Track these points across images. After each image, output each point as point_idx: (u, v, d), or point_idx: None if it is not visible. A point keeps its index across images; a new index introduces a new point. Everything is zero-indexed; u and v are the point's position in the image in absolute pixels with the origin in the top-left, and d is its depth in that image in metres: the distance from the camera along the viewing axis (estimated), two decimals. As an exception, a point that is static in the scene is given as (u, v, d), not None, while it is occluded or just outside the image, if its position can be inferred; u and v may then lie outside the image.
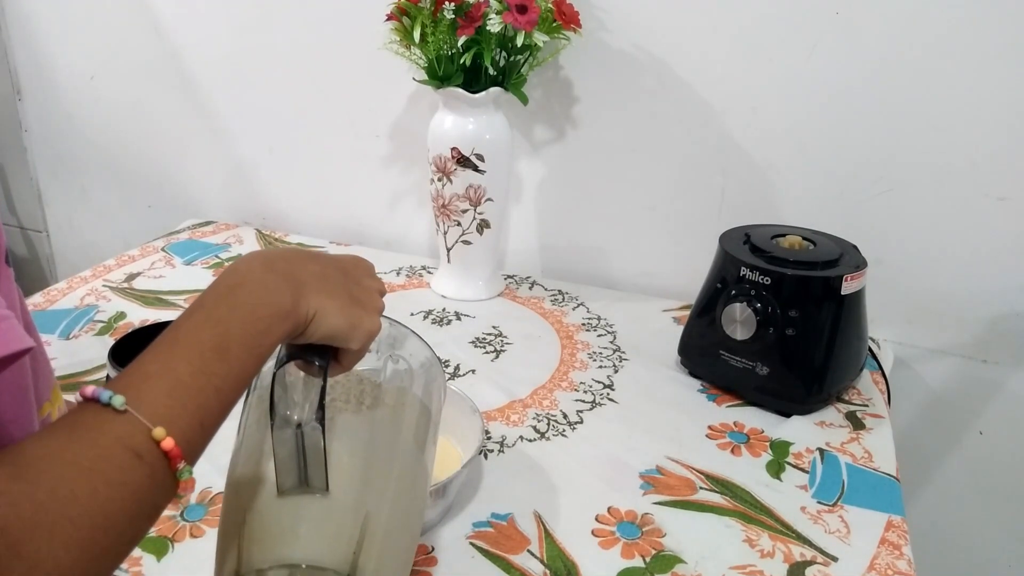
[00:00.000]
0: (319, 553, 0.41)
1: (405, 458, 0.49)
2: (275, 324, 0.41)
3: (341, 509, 0.43)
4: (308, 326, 0.43)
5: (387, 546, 0.43)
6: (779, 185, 1.01)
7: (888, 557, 0.63)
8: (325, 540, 0.42)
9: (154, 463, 0.34)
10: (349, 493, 0.44)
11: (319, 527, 0.42)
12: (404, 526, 0.47)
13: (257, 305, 0.41)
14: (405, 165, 1.19)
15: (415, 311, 1.03)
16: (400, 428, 0.51)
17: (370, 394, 0.51)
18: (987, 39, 0.87)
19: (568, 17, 0.93)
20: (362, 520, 0.43)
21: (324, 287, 0.44)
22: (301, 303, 0.42)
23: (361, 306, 0.46)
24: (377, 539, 0.43)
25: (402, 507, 0.47)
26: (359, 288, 0.47)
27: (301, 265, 0.45)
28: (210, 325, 0.39)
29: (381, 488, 0.46)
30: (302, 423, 0.42)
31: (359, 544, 0.41)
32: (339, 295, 0.45)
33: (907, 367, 1.02)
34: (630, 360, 0.93)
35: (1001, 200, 0.92)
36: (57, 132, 1.40)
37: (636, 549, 0.63)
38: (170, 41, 1.25)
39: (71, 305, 1.00)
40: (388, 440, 0.49)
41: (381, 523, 0.44)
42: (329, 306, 0.43)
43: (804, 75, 0.95)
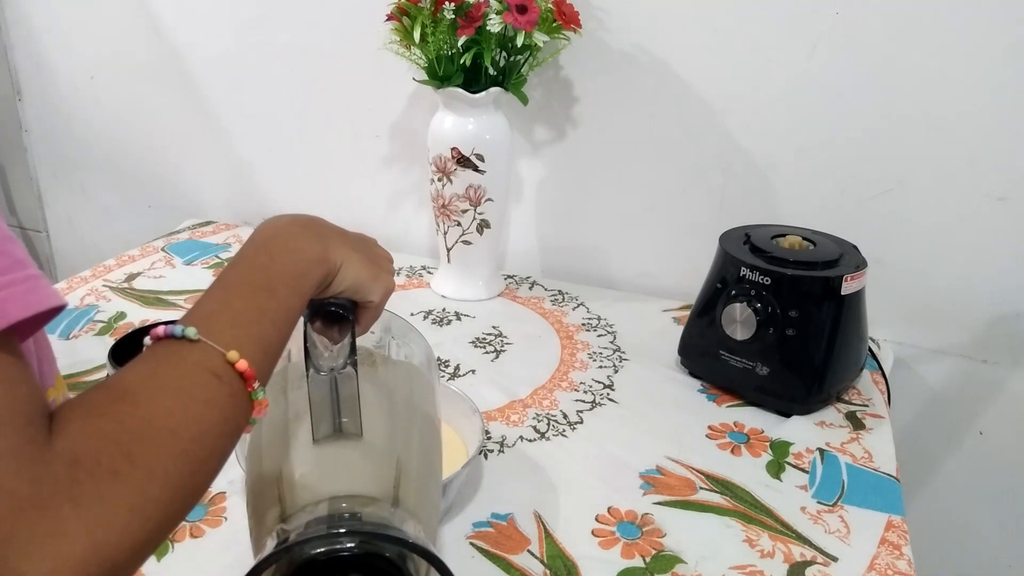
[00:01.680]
0: (363, 486, 0.42)
1: (421, 411, 0.51)
2: (312, 268, 0.45)
3: (377, 451, 0.45)
4: (336, 274, 0.46)
5: (420, 487, 0.45)
6: (779, 185, 1.01)
7: (888, 557, 0.63)
8: (367, 476, 0.43)
9: (232, 383, 0.37)
10: (380, 438, 0.46)
11: (359, 467, 0.44)
12: (430, 473, 0.48)
13: (294, 251, 0.45)
14: (405, 165, 1.19)
15: (415, 311, 1.03)
16: (411, 387, 0.53)
17: (380, 359, 0.54)
18: (987, 39, 0.87)
19: (568, 17, 0.93)
20: (396, 461, 0.44)
21: (347, 241, 0.48)
22: (330, 251, 0.46)
23: (377, 263, 0.50)
24: (412, 479, 0.44)
25: (426, 460, 0.48)
26: (374, 251, 0.52)
27: (323, 223, 0.49)
28: (255, 270, 0.43)
29: (406, 434, 0.48)
30: (335, 368, 0.44)
31: (397, 480, 0.43)
32: (359, 250, 0.49)
33: (907, 367, 1.02)
34: (630, 360, 0.93)
35: (1001, 200, 0.92)
36: (57, 132, 1.40)
37: (636, 549, 0.63)
38: (170, 41, 1.25)
39: (71, 305, 1.00)
40: (405, 396, 0.51)
41: (413, 466, 0.45)
42: (353, 257, 0.47)
43: (804, 75, 0.95)
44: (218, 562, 0.60)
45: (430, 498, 0.46)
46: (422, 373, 0.55)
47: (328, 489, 0.42)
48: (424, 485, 0.46)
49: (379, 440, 0.46)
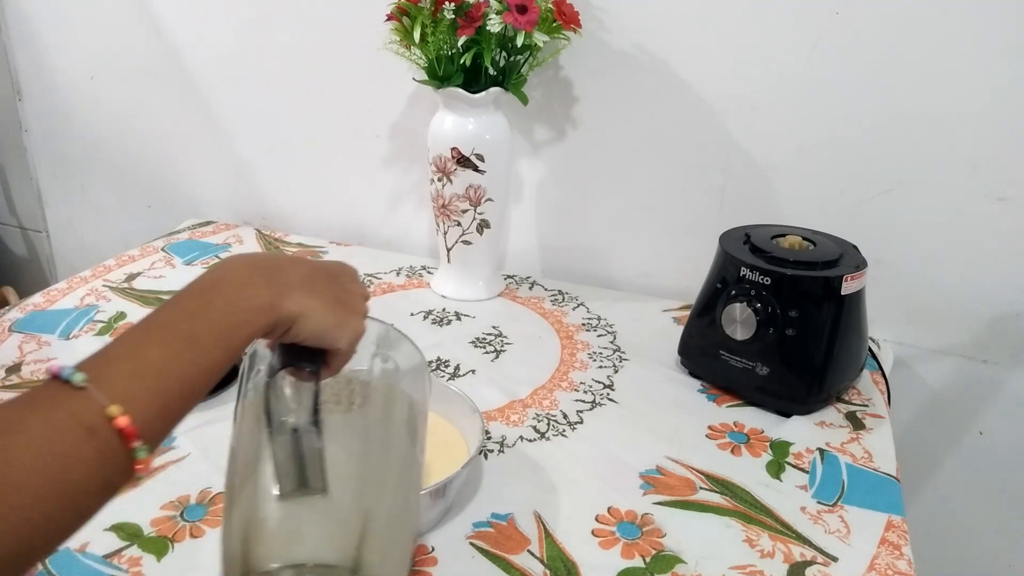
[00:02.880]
0: (324, 551, 0.42)
1: (399, 452, 0.50)
2: (253, 317, 0.42)
3: (342, 508, 0.44)
4: (294, 325, 0.44)
5: (388, 540, 0.44)
6: (779, 185, 1.01)
7: (888, 557, 0.63)
8: (328, 539, 0.42)
9: (107, 439, 0.35)
10: (348, 492, 0.45)
11: (322, 527, 0.43)
12: (403, 519, 0.47)
13: (235, 299, 0.42)
14: (405, 165, 1.19)
15: (415, 311, 1.03)
16: (391, 423, 0.52)
17: (360, 393, 0.52)
18: (987, 39, 0.87)
19: (568, 17, 0.93)
20: (363, 517, 0.43)
21: (310, 288, 0.45)
22: (284, 302, 0.43)
23: (346, 308, 0.47)
24: (378, 534, 0.43)
25: (400, 500, 0.48)
26: (344, 292, 0.49)
27: (286, 267, 0.46)
28: (184, 315, 0.41)
29: (379, 484, 0.47)
30: (298, 427, 0.43)
31: (361, 540, 0.42)
32: (324, 296, 0.46)
33: (907, 367, 1.02)
34: (630, 360, 0.93)
35: (1001, 200, 0.92)
36: (57, 132, 1.40)
37: (636, 549, 0.63)
38: (170, 41, 1.25)
39: (71, 305, 1.00)
40: (381, 436, 0.50)
41: (381, 518, 0.44)
42: (315, 306, 0.45)
43: (804, 75, 0.95)
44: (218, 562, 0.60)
45: (398, 548, 0.46)
46: (405, 393, 0.54)
47: (289, 552, 0.41)
48: (394, 534, 0.46)
49: (346, 494, 0.45)
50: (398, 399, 0.54)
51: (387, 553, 0.44)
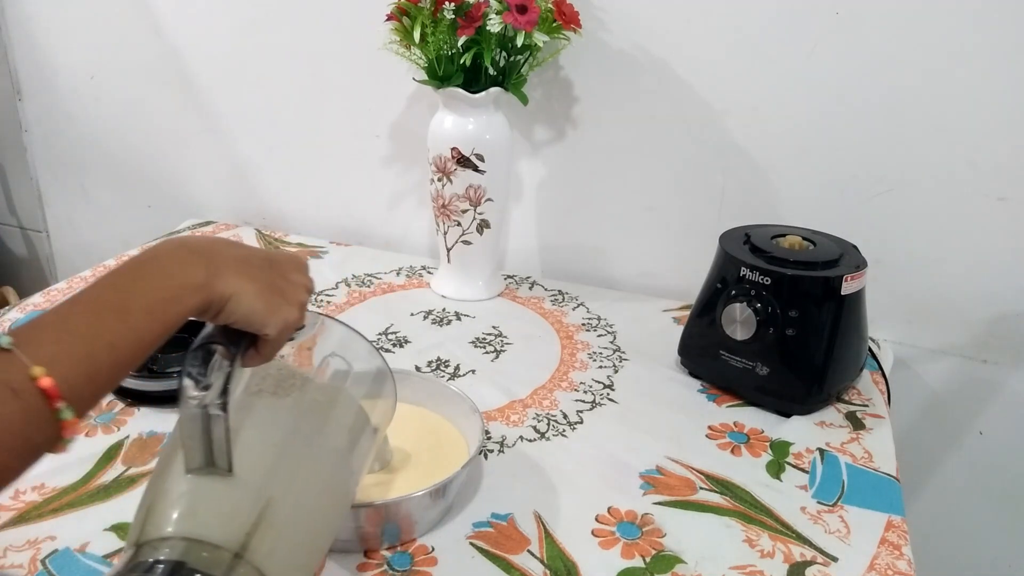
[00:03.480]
0: (210, 530, 0.42)
1: (328, 453, 0.50)
2: (184, 295, 0.43)
3: (242, 491, 0.44)
4: (225, 306, 0.44)
5: (286, 534, 0.44)
6: (779, 185, 1.01)
7: (888, 557, 0.63)
8: (219, 518, 0.43)
9: (30, 400, 0.36)
10: (254, 477, 0.45)
11: (216, 505, 0.43)
12: (313, 519, 0.47)
13: (166, 275, 0.43)
14: (405, 165, 1.19)
15: (415, 311, 1.03)
16: (328, 424, 0.52)
17: (298, 387, 0.53)
18: (987, 39, 0.87)
19: (568, 17, 0.93)
20: (262, 505, 0.44)
21: (244, 270, 0.46)
22: (217, 281, 0.44)
23: (281, 295, 0.48)
24: (276, 525, 0.44)
25: (313, 500, 0.48)
26: (283, 280, 0.49)
27: (223, 248, 0.47)
28: (116, 288, 0.42)
29: (290, 477, 0.47)
30: (207, 405, 0.43)
31: (254, 526, 0.43)
32: (258, 280, 0.46)
33: (907, 367, 1.02)
34: (630, 360, 0.93)
35: (1001, 200, 0.92)
36: (57, 132, 1.40)
37: (636, 549, 0.63)
38: (170, 41, 1.25)
39: (71, 305, 1.00)
40: (310, 433, 0.50)
41: (284, 511, 0.45)
42: (247, 289, 0.45)
43: (804, 75, 0.95)
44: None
45: (299, 545, 0.46)
46: (352, 400, 0.54)
47: (179, 525, 0.42)
48: (297, 531, 0.45)
49: (252, 479, 0.45)
50: (344, 403, 0.54)
51: (280, 546, 0.44)
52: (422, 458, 0.68)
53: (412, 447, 0.70)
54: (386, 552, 0.61)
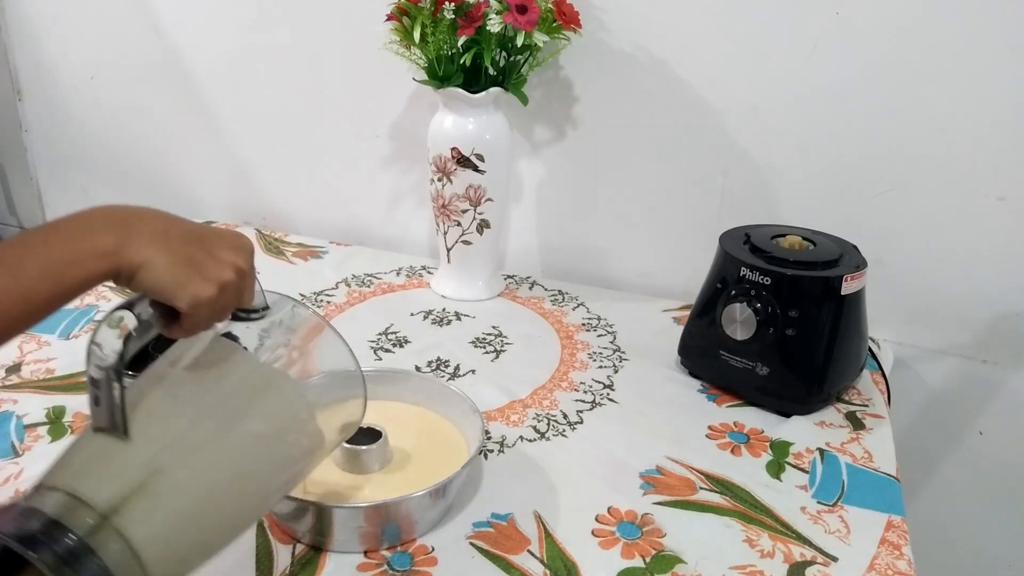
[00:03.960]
0: (87, 487, 0.42)
1: (242, 439, 0.50)
2: (88, 260, 0.43)
3: (132, 456, 0.44)
4: (135, 274, 0.44)
5: (168, 508, 0.44)
6: (779, 185, 1.01)
7: (888, 557, 0.63)
8: (100, 477, 0.43)
9: None
10: (150, 445, 0.45)
11: (102, 465, 0.44)
12: (205, 502, 0.47)
13: (74, 239, 0.43)
14: (405, 165, 1.19)
15: (415, 311, 1.03)
16: (251, 408, 0.51)
17: (233, 368, 0.53)
18: (987, 39, 0.87)
19: (568, 17, 0.93)
20: (148, 473, 0.44)
21: (160, 241, 0.45)
22: (128, 249, 0.44)
23: (197, 269, 0.47)
24: (157, 497, 0.44)
25: (209, 482, 0.47)
26: (206, 255, 0.48)
27: (146, 218, 0.47)
28: (21, 246, 0.42)
29: (188, 452, 0.47)
30: (107, 367, 0.44)
31: (132, 492, 0.42)
32: (175, 253, 0.46)
33: (907, 367, 1.02)
34: (630, 360, 0.93)
35: (1001, 200, 0.92)
36: (57, 132, 1.40)
37: (636, 549, 0.63)
38: (170, 41, 1.25)
39: (71, 305, 1.00)
40: (228, 415, 0.50)
41: (171, 484, 0.44)
42: (159, 259, 0.45)
43: (804, 75, 0.95)
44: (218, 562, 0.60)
45: (185, 522, 0.45)
46: (295, 389, 0.54)
47: (61, 478, 0.43)
48: (184, 507, 0.45)
49: (145, 447, 0.45)
50: (279, 390, 0.54)
51: (156, 519, 0.43)
52: (422, 458, 0.68)
53: (412, 447, 0.70)
54: (386, 552, 0.61)
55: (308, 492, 0.63)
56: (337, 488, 0.65)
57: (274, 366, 0.55)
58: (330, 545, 0.61)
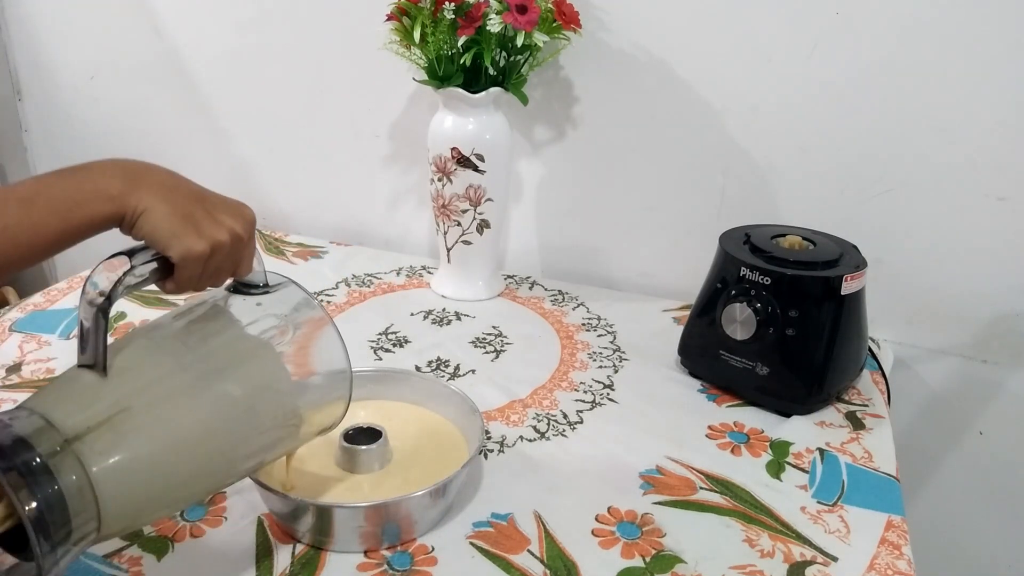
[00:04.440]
0: (56, 412, 0.45)
1: (214, 396, 0.51)
2: (95, 201, 0.47)
3: (105, 391, 0.47)
4: (136, 220, 0.48)
5: (129, 446, 0.46)
6: (779, 185, 1.01)
7: (888, 557, 0.63)
8: (70, 405, 0.46)
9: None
10: (123, 385, 0.48)
11: (76, 395, 0.47)
12: (166, 451, 0.48)
13: (84, 181, 0.47)
14: (405, 165, 1.19)
15: (415, 311, 1.03)
16: (229, 370, 0.53)
17: (220, 331, 0.55)
18: (987, 39, 0.87)
19: (568, 17, 0.93)
20: (117, 410, 0.46)
21: (163, 193, 0.49)
22: (132, 196, 0.48)
23: (194, 225, 0.49)
24: (121, 433, 0.46)
25: (173, 431, 0.49)
26: (206, 214, 0.51)
27: (153, 171, 0.51)
28: (36, 184, 0.46)
29: (158, 399, 0.49)
30: (97, 306, 0.47)
31: (98, 424, 0.45)
32: (175, 205, 0.49)
33: (907, 367, 1.02)
34: (630, 360, 0.93)
35: (1001, 200, 0.92)
36: (57, 132, 1.40)
37: (636, 549, 0.63)
38: (170, 41, 1.25)
39: (71, 305, 1.00)
40: (206, 372, 0.52)
41: (135, 425, 0.47)
42: (158, 210, 0.48)
43: (804, 75, 0.95)
44: (218, 562, 0.60)
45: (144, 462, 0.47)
46: (284, 368, 0.56)
47: (37, 400, 0.46)
48: (145, 448, 0.47)
49: (121, 386, 0.48)
50: (262, 360, 0.55)
51: (117, 453, 0.45)
52: (422, 458, 0.68)
53: (412, 447, 0.70)
54: (386, 552, 0.61)
55: (294, 488, 0.64)
56: (337, 488, 0.65)
57: (262, 338, 0.56)
58: (330, 545, 0.61)
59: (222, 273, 0.53)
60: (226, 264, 0.53)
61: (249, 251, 0.55)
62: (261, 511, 0.65)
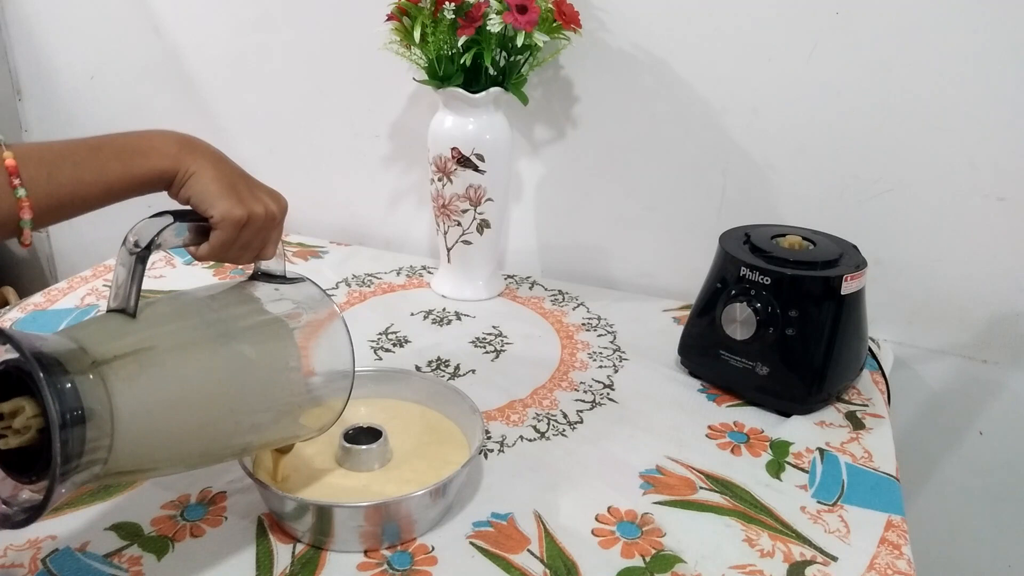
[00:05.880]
0: (87, 338, 0.47)
1: (231, 353, 0.54)
2: (155, 156, 0.53)
3: (133, 330, 0.50)
4: (187, 181, 0.53)
5: (153, 383, 0.49)
6: (779, 185, 1.01)
7: (888, 557, 0.63)
8: (100, 335, 0.48)
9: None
10: (150, 328, 0.51)
11: (106, 329, 0.50)
12: (185, 393, 0.51)
13: (146, 139, 0.53)
14: (405, 165, 1.19)
15: (415, 311, 1.03)
16: (247, 335, 0.56)
17: (242, 302, 0.59)
18: (987, 39, 0.87)
19: (568, 17, 0.93)
20: (143, 346, 0.49)
21: (213, 161, 0.55)
22: (187, 157, 0.53)
23: (236, 193, 0.54)
24: (147, 368, 0.48)
25: (193, 377, 0.51)
26: (247, 189, 0.56)
27: (206, 145, 0.56)
28: (104, 138, 0.52)
29: (181, 345, 0.52)
30: (136, 253, 0.51)
31: (124, 354, 0.47)
32: (222, 173, 0.54)
33: (907, 367, 1.02)
34: (630, 360, 0.93)
35: (1001, 200, 0.92)
36: (57, 132, 1.40)
37: (636, 549, 0.63)
38: (170, 41, 1.25)
39: (72, 305, 1.00)
40: (225, 331, 0.55)
41: (160, 363, 0.50)
42: (208, 173, 0.54)
43: (804, 75, 0.95)
44: (218, 562, 0.60)
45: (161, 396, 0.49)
46: (295, 347, 0.58)
47: (73, 330, 0.48)
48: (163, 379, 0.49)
49: (147, 326, 0.51)
50: (277, 333, 0.58)
51: (137, 383, 0.47)
52: (422, 458, 0.68)
53: (412, 447, 0.70)
54: (386, 551, 0.61)
55: (287, 479, 0.64)
56: (337, 488, 0.65)
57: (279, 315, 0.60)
58: (330, 544, 0.61)
59: (250, 249, 0.57)
60: (256, 240, 0.57)
61: (277, 233, 0.59)
62: (261, 511, 0.65)
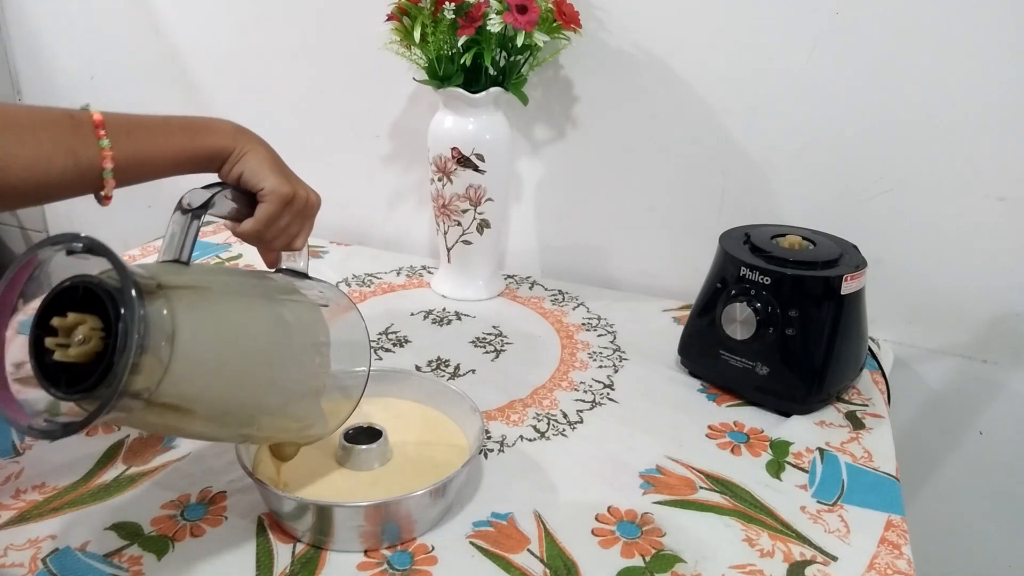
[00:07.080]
0: (153, 271, 0.50)
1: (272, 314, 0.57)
2: (215, 134, 0.60)
3: (189, 272, 0.54)
4: (241, 158, 0.60)
5: (210, 312, 0.51)
6: (779, 185, 1.01)
7: (888, 557, 0.63)
8: (161, 270, 0.52)
9: (82, 121, 0.53)
10: (203, 274, 0.56)
11: (167, 268, 0.53)
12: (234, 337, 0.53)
13: (208, 121, 0.61)
14: (405, 165, 1.19)
15: (415, 311, 1.03)
16: (286, 302, 0.60)
17: (280, 279, 0.64)
18: (987, 39, 0.87)
19: (568, 17, 0.93)
20: (202, 285, 0.52)
21: (265, 146, 0.62)
22: (242, 138, 0.61)
23: (284, 172, 0.62)
24: (203, 300, 0.51)
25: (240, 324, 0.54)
26: (292, 174, 0.64)
27: (255, 133, 0.63)
28: (176, 116, 0.60)
29: (230, 294, 0.55)
30: (191, 210, 0.56)
31: (185, 286, 0.50)
32: (272, 155, 0.62)
33: (907, 367, 1.02)
34: (630, 360, 0.93)
35: (1001, 200, 0.92)
36: (57, 132, 1.40)
37: (636, 548, 0.63)
38: (170, 41, 1.25)
39: (71, 305, 1.00)
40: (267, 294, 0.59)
41: (214, 302, 0.52)
42: (260, 153, 0.61)
43: (804, 75, 0.95)
44: (218, 562, 0.60)
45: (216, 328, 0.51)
46: (319, 312, 0.62)
47: (139, 267, 0.51)
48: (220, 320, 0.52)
49: (203, 274, 0.55)
50: (311, 308, 0.62)
51: (198, 312, 0.50)
52: (422, 457, 0.68)
53: (412, 446, 0.70)
54: (386, 551, 0.61)
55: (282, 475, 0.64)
56: (337, 487, 0.65)
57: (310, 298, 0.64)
58: (330, 544, 0.61)
59: (287, 234, 0.63)
60: (293, 224, 0.63)
61: (310, 224, 0.66)
62: (261, 511, 0.65)
